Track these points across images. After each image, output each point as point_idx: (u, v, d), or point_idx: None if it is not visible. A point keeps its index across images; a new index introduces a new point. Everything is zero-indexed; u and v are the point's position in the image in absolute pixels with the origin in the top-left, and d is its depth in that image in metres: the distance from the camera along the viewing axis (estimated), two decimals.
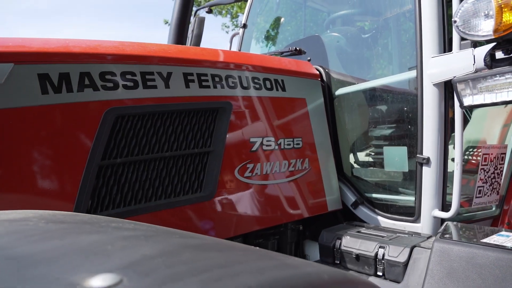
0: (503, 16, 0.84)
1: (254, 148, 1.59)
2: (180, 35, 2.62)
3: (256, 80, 1.66)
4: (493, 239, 1.23)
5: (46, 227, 0.48)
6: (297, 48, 2.30)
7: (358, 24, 2.47)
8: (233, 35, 3.18)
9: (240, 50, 3.01)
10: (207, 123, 1.46)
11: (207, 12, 3.63)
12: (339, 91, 2.07)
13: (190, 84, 1.42)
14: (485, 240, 1.21)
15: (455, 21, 1.02)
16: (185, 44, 2.71)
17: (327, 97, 2.02)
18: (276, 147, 1.68)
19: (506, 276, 1.05)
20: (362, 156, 2.17)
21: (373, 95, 2.08)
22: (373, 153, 2.10)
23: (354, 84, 2.12)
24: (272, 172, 1.65)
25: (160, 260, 0.38)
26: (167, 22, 12.82)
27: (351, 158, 2.14)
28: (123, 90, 1.24)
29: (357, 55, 2.40)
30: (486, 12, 0.89)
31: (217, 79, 1.50)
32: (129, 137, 1.24)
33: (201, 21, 3.01)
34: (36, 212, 0.56)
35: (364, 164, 2.18)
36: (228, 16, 15.16)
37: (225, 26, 14.91)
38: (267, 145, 1.64)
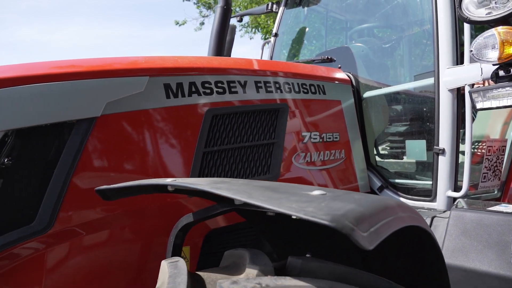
0: (505, 49, 1.25)
1: (305, 141, 1.99)
2: (219, 45, 3.02)
3: (304, 86, 2.05)
4: (496, 208, 1.63)
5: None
6: (328, 57, 2.69)
7: (380, 35, 2.87)
8: (264, 43, 3.57)
9: (271, 58, 3.40)
10: (272, 120, 1.86)
11: (238, 21, 4.03)
12: (366, 94, 2.46)
13: (259, 90, 1.81)
14: (490, 209, 1.62)
15: (471, 51, 1.41)
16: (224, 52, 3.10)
17: (356, 99, 2.41)
18: (320, 140, 2.08)
19: (505, 231, 1.45)
20: (385, 148, 2.57)
21: (396, 98, 2.48)
22: (395, 146, 2.50)
23: (378, 88, 2.52)
24: (318, 159, 2.04)
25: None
26: (177, 23, 13.18)
27: (377, 150, 2.54)
28: (216, 95, 1.64)
29: (380, 63, 2.80)
30: (493, 45, 1.29)
31: (277, 85, 1.90)
32: (221, 131, 1.64)
33: (233, 29, 3.41)
34: None
35: (387, 155, 2.58)
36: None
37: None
38: (313, 138, 2.04)
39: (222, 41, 3.07)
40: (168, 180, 1.00)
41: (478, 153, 2.46)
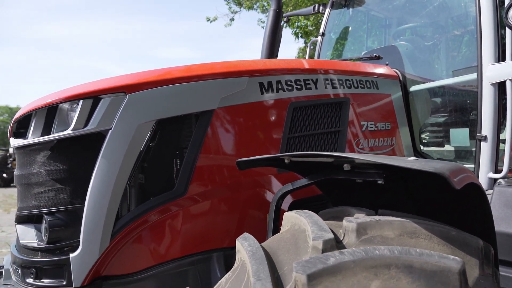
0: None
1: (363, 129, 2.33)
2: (272, 46, 3.37)
3: (361, 82, 2.38)
4: None
5: None
6: (376, 55, 3.00)
7: (423, 34, 3.15)
8: (311, 42, 3.90)
9: (319, 56, 3.73)
10: (337, 111, 2.20)
11: (284, 21, 4.36)
12: (413, 88, 2.76)
13: (327, 86, 2.16)
14: None
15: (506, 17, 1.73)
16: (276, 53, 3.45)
17: (403, 92, 2.72)
18: (375, 128, 2.41)
19: None
20: (430, 136, 2.86)
21: (439, 91, 2.77)
22: (438, 135, 2.80)
23: (422, 82, 2.81)
24: (374, 145, 2.38)
25: None
26: (209, 19, 13.58)
27: (422, 138, 2.84)
28: (296, 91, 1.99)
29: (422, 60, 3.09)
30: None
31: (340, 82, 2.24)
32: (300, 120, 2.00)
33: (280, 29, 3.74)
34: None
35: (431, 143, 2.88)
36: (258, 10, 15.61)
37: (261, 21, 15.56)
38: (370, 127, 2.37)
39: (275, 42, 3.43)
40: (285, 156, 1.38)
41: None
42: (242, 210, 1.79)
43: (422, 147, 2.87)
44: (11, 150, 15.85)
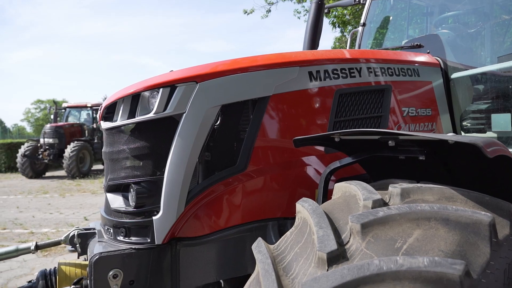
0: None
1: (404, 114, 2.47)
2: (314, 37, 3.53)
3: (403, 70, 2.52)
4: None
5: None
6: (417, 43, 3.09)
7: (467, 21, 3.19)
8: (353, 32, 4.02)
9: (359, 46, 3.85)
10: (379, 98, 2.36)
11: (325, 13, 4.50)
12: (454, 75, 2.84)
13: (370, 74, 2.32)
14: None
15: None
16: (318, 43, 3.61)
17: (444, 80, 2.81)
18: (416, 114, 2.54)
19: None
20: (470, 122, 2.94)
21: (481, 78, 2.83)
22: (479, 121, 2.87)
23: (464, 69, 2.88)
24: (414, 130, 2.51)
25: None
26: (246, 12, 13.82)
27: (462, 124, 2.93)
28: (341, 79, 2.18)
29: (465, 47, 3.14)
30: None
31: (382, 70, 2.39)
32: (345, 106, 2.19)
33: (321, 20, 3.88)
34: None
35: (472, 129, 2.96)
36: (294, 1, 15.61)
37: (297, 12, 15.59)
38: (411, 113, 2.51)
39: (316, 33, 3.60)
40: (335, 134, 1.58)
41: None
42: (292, 186, 2.02)
43: (463, 133, 2.95)
44: (41, 141, 16.21)
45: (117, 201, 1.90)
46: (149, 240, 1.77)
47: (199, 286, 1.92)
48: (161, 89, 1.75)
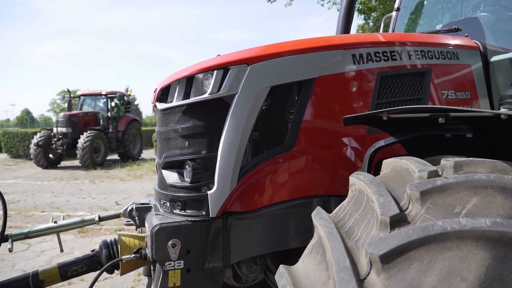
0: None
1: (443, 97, 2.50)
2: (347, 22, 3.56)
3: (442, 53, 2.53)
4: None
5: None
6: (455, 27, 3.08)
7: (507, 4, 3.14)
8: (386, 17, 4.01)
9: (394, 30, 3.85)
10: (419, 80, 2.39)
11: None
12: (493, 59, 2.83)
13: (410, 57, 2.36)
14: None
15: None
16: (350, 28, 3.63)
17: (484, 63, 2.80)
18: (455, 97, 2.56)
19: None
20: (509, 108, 2.92)
21: None
22: None
23: (504, 53, 2.86)
24: None
25: None
26: (269, 0, 13.76)
27: (502, 107, 2.92)
28: (383, 61, 2.23)
29: (505, 30, 3.10)
30: None
31: (423, 53, 2.42)
32: (387, 88, 2.24)
33: (354, 7, 3.88)
34: None
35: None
36: None
37: None
38: (450, 95, 2.53)
39: (349, 19, 3.62)
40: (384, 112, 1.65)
41: None
42: (335, 165, 2.11)
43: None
44: (55, 130, 15.49)
45: (172, 177, 2.04)
46: (204, 213, 1.90)
47: (247, 257, 2.05)
48: (215, 71, 1.86)
